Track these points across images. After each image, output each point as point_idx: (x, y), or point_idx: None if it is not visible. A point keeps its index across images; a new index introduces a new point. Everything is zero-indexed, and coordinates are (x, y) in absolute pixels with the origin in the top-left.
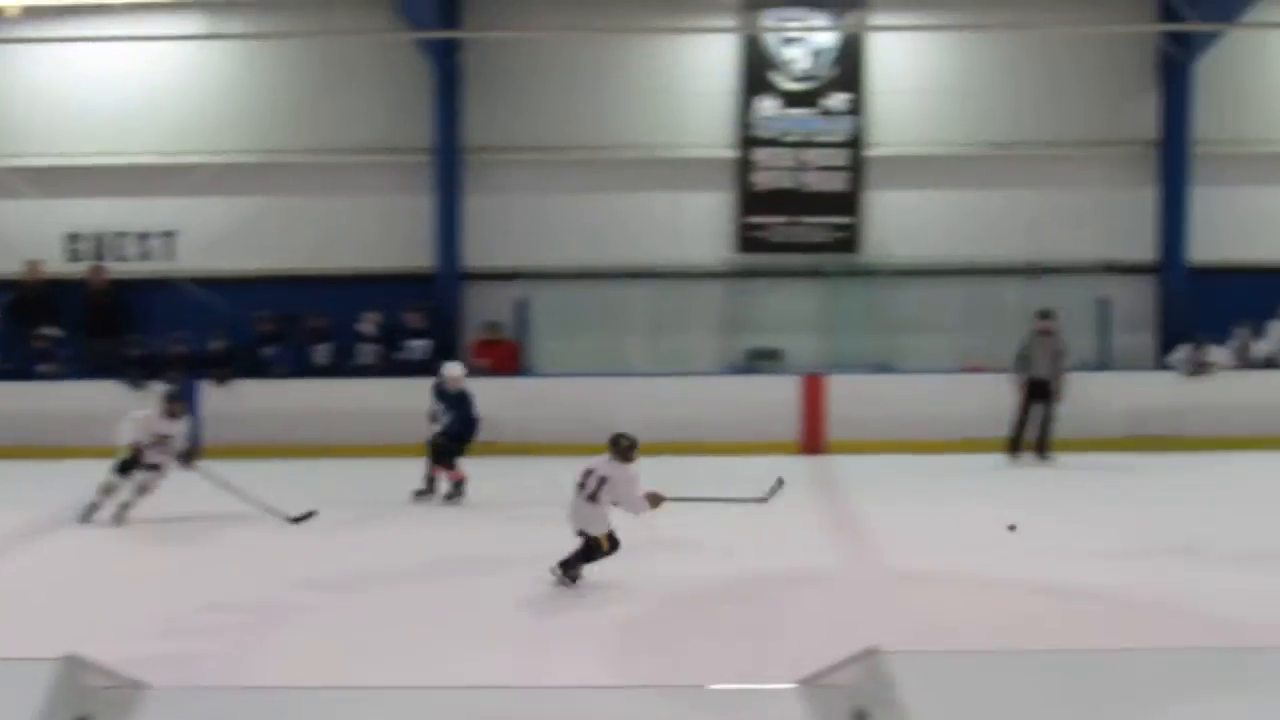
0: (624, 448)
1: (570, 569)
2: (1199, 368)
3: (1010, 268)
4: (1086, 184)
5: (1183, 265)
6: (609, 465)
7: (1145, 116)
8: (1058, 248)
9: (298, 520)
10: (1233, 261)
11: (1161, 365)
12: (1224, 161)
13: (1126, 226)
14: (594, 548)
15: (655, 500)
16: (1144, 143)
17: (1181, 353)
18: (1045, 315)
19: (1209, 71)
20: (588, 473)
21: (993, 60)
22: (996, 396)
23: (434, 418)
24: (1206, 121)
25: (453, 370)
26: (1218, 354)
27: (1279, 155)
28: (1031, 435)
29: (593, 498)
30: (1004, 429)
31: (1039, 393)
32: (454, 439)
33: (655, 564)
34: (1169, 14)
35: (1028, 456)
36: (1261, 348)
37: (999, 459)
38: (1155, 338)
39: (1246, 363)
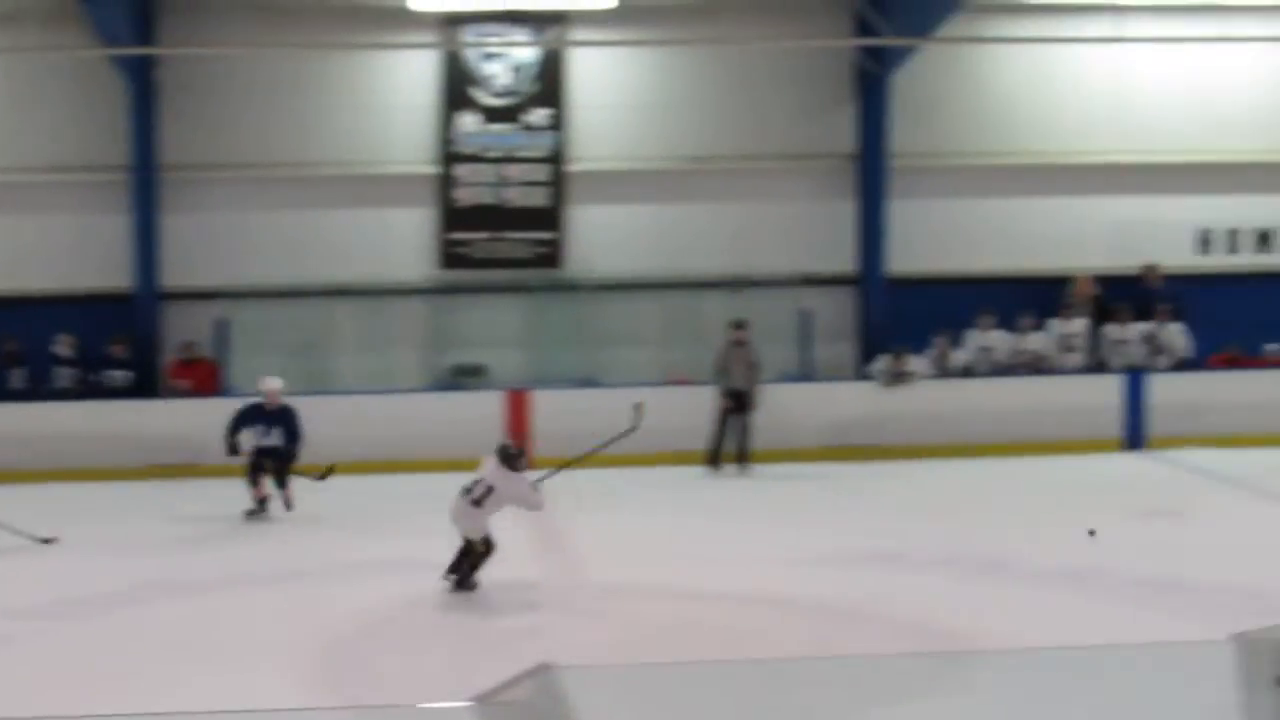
0: (511, 456)
1: (461, 577)
2: (898, 377)
3: (713, 281)
4: (787, 197)
5: (881, 277)
6: (496, 473)
7: (843, 130)
8: (759, 260)
9: (48, 541)
10: (930, 273)
11: (861, 375)
12: (920, 174)
13: (826, 239)
14: (469, 552)
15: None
16: (842, 156)
17: (881, 363)
18: (739, 325)
19: (905, 85)
20: (477, 480)
21: (693, 75)
22: (700, 409)
23: (235, 444)
24: (903, 135)
25: (272, 384)
26: (916, 364)
27: (973, 168)
28: (731, 446)
29: (477, 503)
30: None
31: (736, 404)
32: (288, 455)
33: (362, 580)
34: (865, 29)
35: (729, 468)
36: (959, 357)
37: (702, 471)
38: (855, 348)
39: (944, 372)
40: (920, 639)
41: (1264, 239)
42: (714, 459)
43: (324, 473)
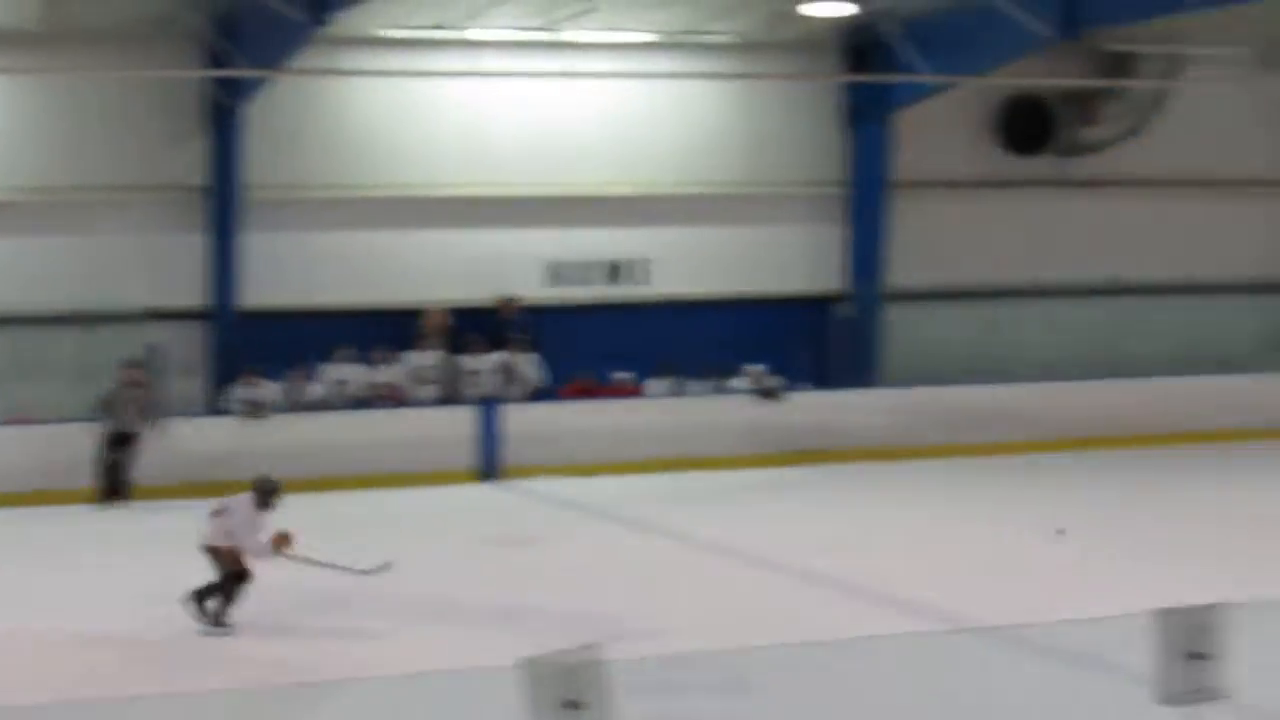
0: (262, 491)
1: (215, 612)
2: (255, 408)
3: (59, 315)
4: (136, 229)
5: (233, 310)
6: (240, 502)
7: (195, 162)
8: (108, 294)
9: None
10: (286, 305)
11: (215, 410)
12: (277, 207)
13: (175, 272)
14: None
15: (282, 540)
16: (193, 188)
17: (237, 390)
18: (134, 365)
19: (260, 117)
20: (222, 504)
21: (38, 104)
22: (44, 449)
23: None
24: (259, 167)
25: None
26: (270, 388)
27: (330, 200)
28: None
29: (216, 514)
30: (50, 481)
31: (122, 442)
32: None
33: None
34: (216, 59)
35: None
36: (314, 390)
37: (84, 509)
38: (208, 382)
39: (299, 406)
40: (267, 672)
41: (614, 271)
42: (109, 494)
43: None
